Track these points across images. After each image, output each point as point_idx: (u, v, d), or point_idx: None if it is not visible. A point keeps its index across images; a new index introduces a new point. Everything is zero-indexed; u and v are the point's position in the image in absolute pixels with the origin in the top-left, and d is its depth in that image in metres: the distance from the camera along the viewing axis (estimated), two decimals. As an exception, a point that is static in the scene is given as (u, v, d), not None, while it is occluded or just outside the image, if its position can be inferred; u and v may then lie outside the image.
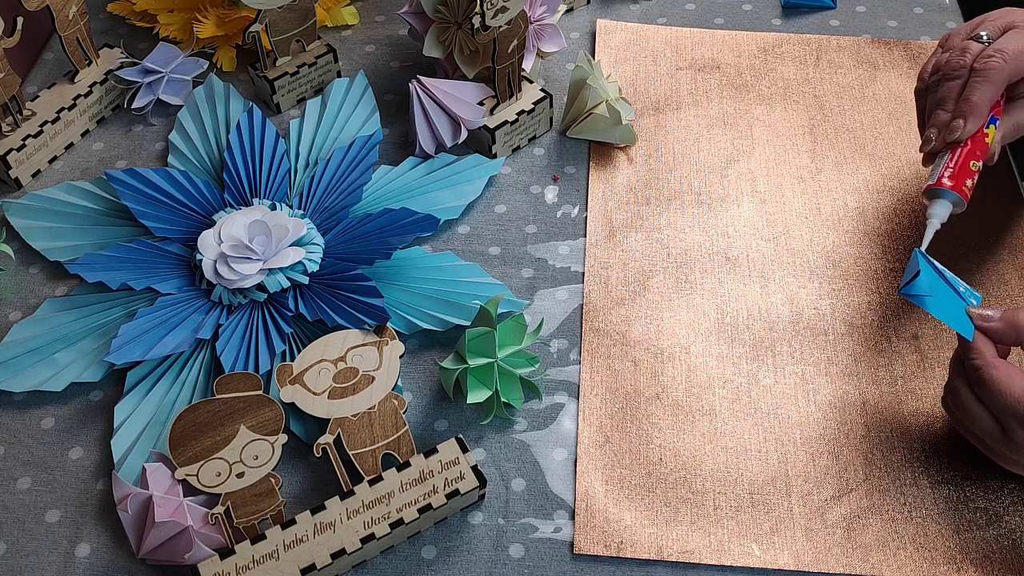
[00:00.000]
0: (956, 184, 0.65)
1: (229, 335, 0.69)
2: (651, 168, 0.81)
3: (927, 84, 0.71)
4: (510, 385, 0.66)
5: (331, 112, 0.84)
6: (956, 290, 0.61)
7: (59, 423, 0.67)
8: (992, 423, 0.58)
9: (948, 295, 0.61)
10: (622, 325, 0.71)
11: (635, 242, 0.76)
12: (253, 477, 0.59)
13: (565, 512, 0.62)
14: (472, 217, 0.78)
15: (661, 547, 0.60)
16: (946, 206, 0.66)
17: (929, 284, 0.60)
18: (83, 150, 0.84)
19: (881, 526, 0.61)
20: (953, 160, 0.66)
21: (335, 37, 0.93)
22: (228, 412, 0.60)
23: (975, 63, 0.66)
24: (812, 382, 0.68)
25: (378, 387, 0.63)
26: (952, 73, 0.67)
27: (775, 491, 0.63)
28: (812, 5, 0.93)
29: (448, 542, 0.61)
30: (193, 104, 0.84)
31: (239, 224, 0.71)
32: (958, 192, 0.65)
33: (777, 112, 0.84)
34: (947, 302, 0.60)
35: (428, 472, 0.60)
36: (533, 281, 0.74)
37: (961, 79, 0.67)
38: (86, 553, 0.61)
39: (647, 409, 0.67)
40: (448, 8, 0.78)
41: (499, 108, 0.80)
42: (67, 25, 0.81)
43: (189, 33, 0.88)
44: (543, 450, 0.65)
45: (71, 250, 0.75)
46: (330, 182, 0.78)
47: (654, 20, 0.93)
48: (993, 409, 0.58)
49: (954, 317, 0.60)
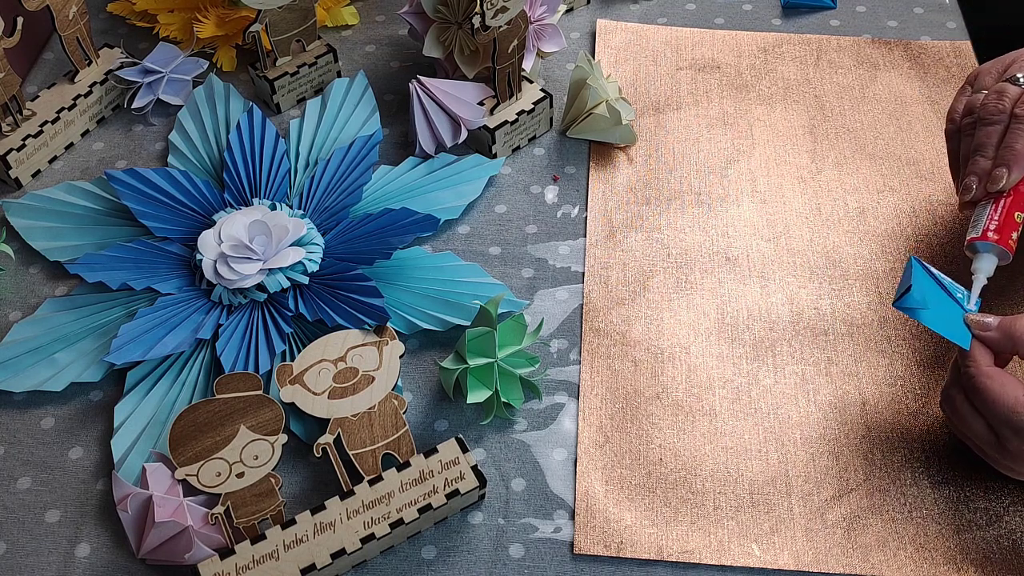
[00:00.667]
0: (1002, 238, 0.63)
1: (229, 335, 0.69)
2: (651, 168, 0.81)
3: (960, 126, 0.68)
4: (510, 385, 0.66)
5: (331, 112, 0.84)
6: (954, 296, 0.60)
7: (59, 423, 0.67)
8: (987, 431, 0.58)
9: (945, 304, 0.60)
10: (622, 325, 0.71)
11: (635, 242, 0.76)
12: (253, 477, 0.59)
13: (565, 512, 0.62)
14: (472, 217, 0.78)
15: (661, 547, 0.60)
16: (992, 260, 0.63)
17: (922, 296, 0.59)
18: (83, 150, 0.84)
19: (881, 526, 0.61)
20: (997, 211, 0.63)
21: (335, 37, 0.93)
22: (228, 412, 0.60)
23: (1016, 108, 0.64)
24: (812, 382, 0.68)
25: (378, 387, 0.63)
26: (990, 118, 0.65)
27: (775, 491, 0.63)
28: (812, 5, 0.93)
29: (448, 542, 0.61)
30: (193, 104, 0.84)
31: (239, 224, 0.71)
32: (1004, 246, 0.63)
33: (777, 112, 0.84)
34: (943, 312, 0.59)
35: (428, 472, 0.60)
36: (533, 281, 0.74)
37: (1000, 124, 0.64)
38: (86, 553, 0.61)
39: (647, 409, 0.67)
40: (448, 8, 0.78)
41: (499, 108, 0.80)
42: (67, 25, 0.81)
43: (189, 33, 0.88)
44: (543, 450, 0.65)
45: (71, 250, 0.75)
46: (330, 182, 0.78)
47: (654, 20, 0.93)
48: (988, 418, 0.57)
49: (951, 327, 0.59)
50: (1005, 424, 0.56)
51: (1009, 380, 0.57)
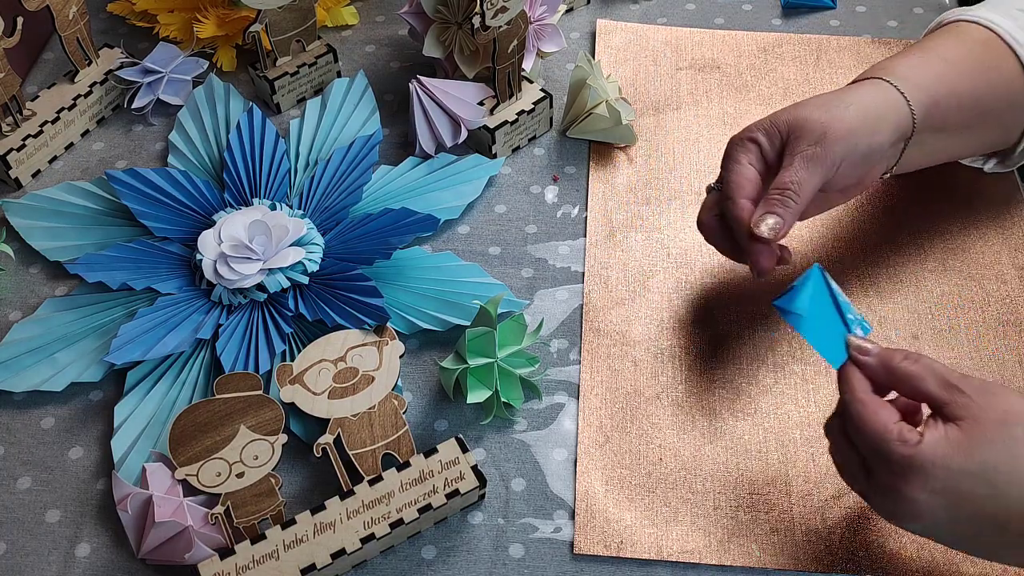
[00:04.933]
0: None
1: (229, 335, 0.69)
2: (651, 168, 0.81)
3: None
4: (510, 385, 0.66)
5: (331, 112, 0.84)
6: (843, 316, 0.57)
7: (59, 423, 0.67)
8: (859, 462, 0.54)
9: (830, 320, 0.57)
10: (622, 325, 0.71)
11: (635, 242, 0.76)
12: (253, 477, 0.59)
13: (565, 512, 0.62)
14: (472, 217, 0.78)
15: (661, 547, 0.60)
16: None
17: (807, 303, 0.56)
18: (83, 150, 0.84)
19: (881, 526, 0.61)
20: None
21: (335, 37, 0.93)
22: (228, 412, 0.60)
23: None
24: (812, 382, 0.68)
25: (378, 387, 0.63)
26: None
27: (775, 491, 0.63)
28: (812, 5, 0.93)
29: (448, 542, 0.61)
30: (193, 104, 0.84)
31: (239, 224, 0.71)
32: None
33: (777, 112, 0.84)
34: (825, 326, 0.56)
35: (428, 472, 0.60)
36: (533, 281, 0.74)
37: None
38: (86, 553, 0.61)
39: (647, 409, 0.67)
40: (448, 8, 0.78)
41: (499, 108, 0.80)
42: (67, 25, 0.81)
43: (189, 33, 0.88)
44: (543, 450, 0.65)
45: (71, 250, 0.75)
46: (330, 182, 0.78)
47: (654, 20, 0.93)
48: (859, 446, 0.53)
49: (828, 344, 0.56)
50: (875, 452, 0.52)
51: (884, 408, 0.52)
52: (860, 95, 0.64)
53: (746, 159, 0.64)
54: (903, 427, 0.51)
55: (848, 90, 0.65)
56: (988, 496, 0.50)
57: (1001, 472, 0.49)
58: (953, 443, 0.50)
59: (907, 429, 0.51)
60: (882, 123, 0.63)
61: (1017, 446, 0.50)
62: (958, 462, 0.50)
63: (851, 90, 0.65)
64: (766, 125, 0.64)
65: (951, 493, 0.50)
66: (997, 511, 0.50)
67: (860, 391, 0.54)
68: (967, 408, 0.50)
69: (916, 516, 0.51)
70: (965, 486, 0.50)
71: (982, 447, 0.50)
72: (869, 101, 0.63)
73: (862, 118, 0.62)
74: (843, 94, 0.64)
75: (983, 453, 0.49)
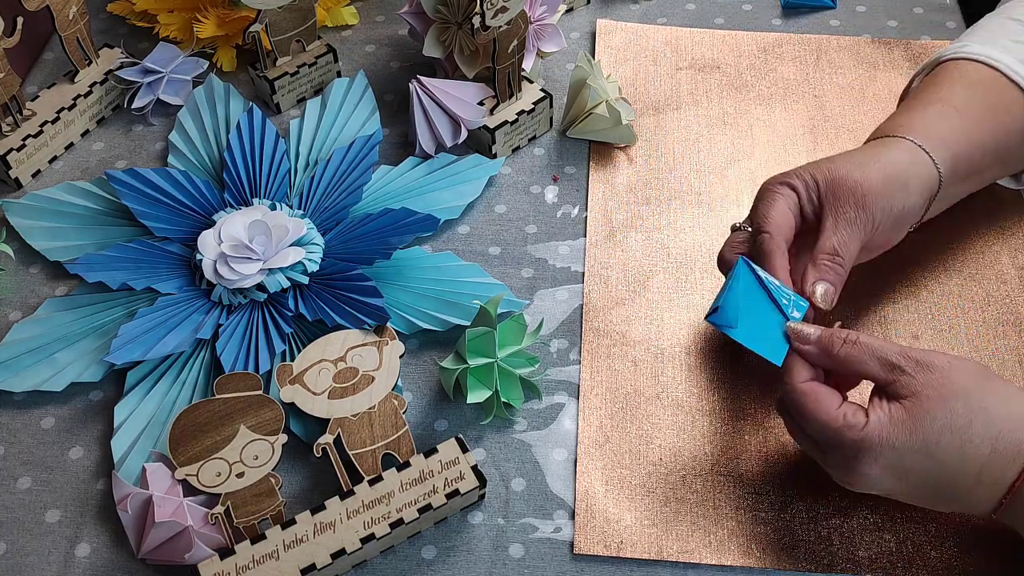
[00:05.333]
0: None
1: (229, 335, 0.69)
2: (651, 168, 0.81)
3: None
4: (510, 385, 0.66)
5: (331, 112, 0.84)
6: (778, 303, 0.57)
7: (59, 423, 0.67)
8: (811, 443, 0.57)
9: (764, 314, 0.57)
10: (622, 325, 0.71)
11: (635, 242, 0.76)
12: (253, 477, 0.59)
13: (565, 512, 0.62)
14: (472, 217, 0.78)
15: (661, 547, 0.60)
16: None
17: (734, 314, 0.56)
18: (83, 150, 0.84)
19: (881, 526, 0.61)
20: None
21: (335, 37, 0.93)
22: (228, 412, 0.60)
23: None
24: (812, 382, 0.68)
25: (378, 387, 0.63)
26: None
27: (775, 491, 0.63)
28: (812, 5, 0.93)
29: (448, 542, 0.61)
30: (193, 104, 0.84)
31: (239, 224, 0.71)
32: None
33: (777, 112, 0.84)
34: (761, 323, 0.57)
35: (428, 472, 0.60)
36: (533, 281, 0.74)
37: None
38: (86, 553, 0.61)
39: (647, 409, 0.67)
40: (448, 8, 0.78)
41: (499, 108, 0.80)
42: (67, 25, 0.81)
43: (189, 33, 0.88)
44: (543, 450, 0.65)
45: (71, 250, 0.75)
46: (330, 182, 0.78)
47: (654, 20, 0.93)
48: (809, 433, 0.56)
49: (767, 341, 0.56)
50: (822, 440, 0.55)
51: (824, 394, 0.55)
52: (890, 155, 0.64)
53: (784, 203, 0.63)
54: (847, 411, 0.54)
55: (877, 150, 0.65)
56: (930, 468, 0.54)
57: (942, 446, 0.53)
58: (897, 422, 0.53)
59: (851, 412, 0.54)
60: (913, 183, 0.63)
61: (956, 419, 0.53)
62: (902, 440, 0.53)
63: (880, 150, 0.64)
64: (805, 176, 0.63)
65: (897, 468, 0.54)
66: (940, 479, 0.54)
67: (800, 380, 0.56)
68: (909, 387, 0.54)
69: (870, 486, 0.56)
70: (909, 461, 0.54)
71: (924, 424, 0.53)
72: (899, 161, 0.63)
73: (895, 180, 0.63)
74: (874, 153, 0.64)
75: (925, 430, 0.53)
